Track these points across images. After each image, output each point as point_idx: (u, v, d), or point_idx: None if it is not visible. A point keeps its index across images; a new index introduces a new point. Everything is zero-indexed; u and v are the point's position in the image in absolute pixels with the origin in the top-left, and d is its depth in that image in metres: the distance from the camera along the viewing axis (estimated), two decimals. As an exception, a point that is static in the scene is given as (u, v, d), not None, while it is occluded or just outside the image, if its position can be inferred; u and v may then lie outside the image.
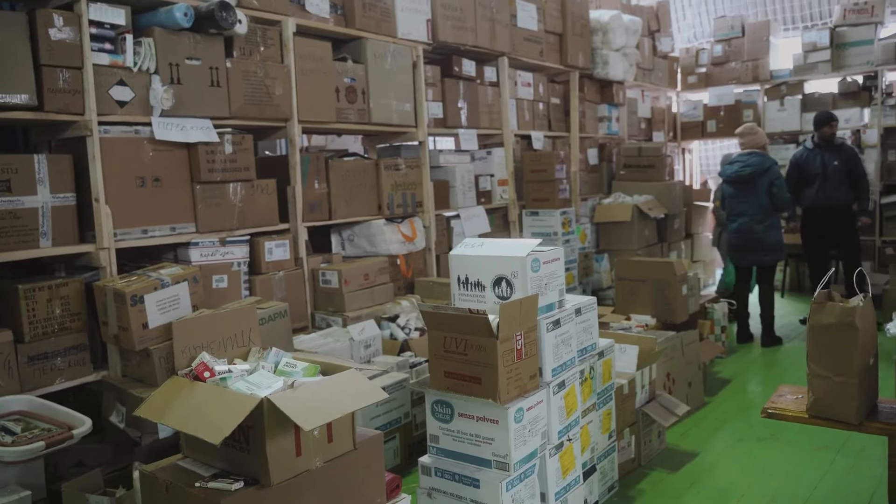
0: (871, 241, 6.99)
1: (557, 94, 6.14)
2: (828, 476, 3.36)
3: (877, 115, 7.06)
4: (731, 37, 7.91)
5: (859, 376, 2.40)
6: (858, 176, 5.93)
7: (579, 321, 2.83)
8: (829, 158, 5.90)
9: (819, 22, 7.98)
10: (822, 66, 7.32)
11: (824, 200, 5.86)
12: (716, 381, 4.82)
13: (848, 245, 5.99)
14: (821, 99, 7.41)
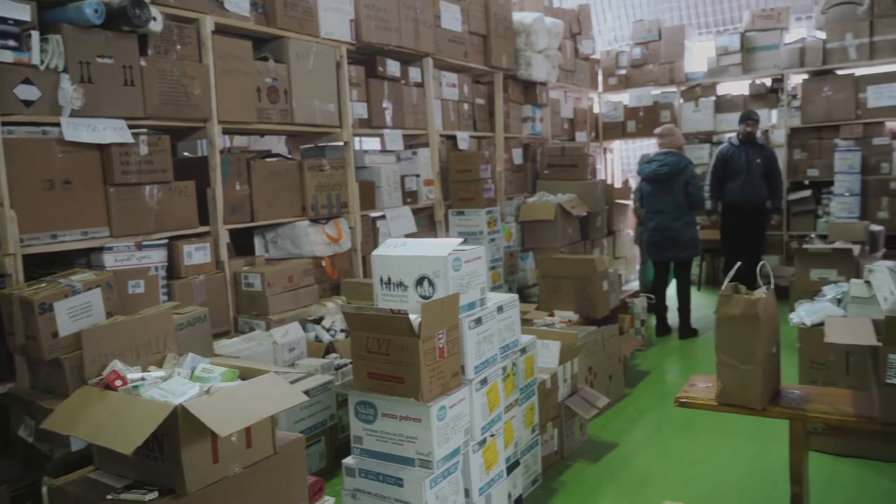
0: (779, 235, 7.37)
1: (482, 94, 6.22)
2: (738, 459, 3.53)
3: (784, 116, 7.44)
4: (648, 40, 8.18)
5: (763, 364, 2.53)
6: (776, 174, 6.25)
7: (501, 318, 2.88)
8: (752, 156, 6.22)
9: (730, 27, 8.34)
10: (734, 69, 7.65)
11: (745, 196, 6.14)
12: (636, 372, 4.98)
13: (755, 240, 6.27)
14: (733, 100, 7.76)
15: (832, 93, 7.09)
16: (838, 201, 6.91)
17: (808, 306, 3.65)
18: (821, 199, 7.30)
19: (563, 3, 8.90)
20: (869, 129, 6.91)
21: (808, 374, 3.55)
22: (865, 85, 6.91)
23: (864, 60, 6.88)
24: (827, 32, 7.09)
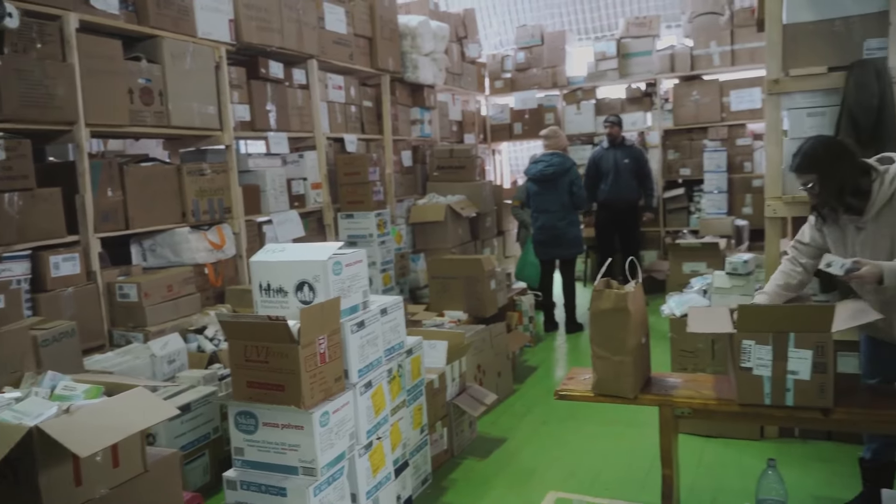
0: (657, 231, 7.79)
1: (370, 97, 6.21)
2: (617, 447, 3.70)
3: (657, 119, 7.86)
4: (532, 45, 8.43)
5: (633, 355, 2.67)
6: (645, 174, 6.56)
7: (385, 321, 2.89)
8: (620, 157, 6.49)
9: (608, 33, 8.73)
10: (611, 73, 8.01)
11: (616, 196, 6.43)
12: (524, 368, 5.12)
13: (629, 237, 6.57)
14: (611, 104, 8.12)
15: (700, 97, 7.55)
16: (708, 198, 7.37)
17: (678, 298, 3.88)
18: (693, 196, 7.76)
19: (449, 6, 9.04)
20: (733, 130, 7.42)
21: (679, 362, 3.77)
22: (729, 89, 7.42)
23: (727, 67, 7.38)
24: (694, 40, 7.55)
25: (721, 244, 5.52)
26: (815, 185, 2.59)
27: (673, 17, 8.35)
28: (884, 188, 2.51)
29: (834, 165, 2.56)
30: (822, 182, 2.57)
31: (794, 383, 2.46)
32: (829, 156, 2.58)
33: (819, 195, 2.61)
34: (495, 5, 9.31)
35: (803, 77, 3.47)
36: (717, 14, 7.43)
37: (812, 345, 2.41)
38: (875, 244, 2.56)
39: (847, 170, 2.55)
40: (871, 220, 2.55)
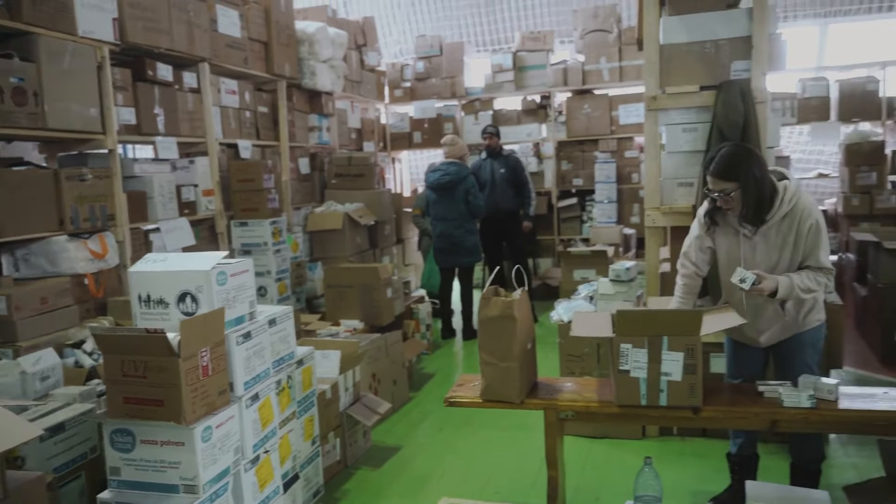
0: (551, 240, 8.03)
1: (265, 102, 6.09)
2: (509, 451, 3.79)
3: (552, 130, 8.12)
4: (431, 55, 8.52)
5: (519, 361, 2.74)
6: (521, 183, 6.62)
7: (274, 331, 2.85)
8: (496, 167, 6.56)
9: (504, 46, 8.94)
10: (508, 85, 8.21)
11: (493, 206, 6.49)
12: (421, 376, 5.16)
13: (514, 246, 6.69)
14: (508, 115, 8.32)
15: (591, 110, 7.87)
16: (599, 208, 7.68)
17: (566, 304, 4.03)
18: (585, 205, 8.06)
19: (349, 14, 9.02)
20: (621, 143, 7.77)
21: (567, 367, 3.91)
22: (617, 104, 7.77)
23: (616, 82, 7.73)
24: (585, 56, 7.86)
25: (609, 252, 5.76)
26: (735, 193, 2.62)
27: (566, 33, 8.66)
28: (783, 206, 2.66)
29: (754, 174, 2.61)
30: (743, 191, 2.61)
31: (667, 384, 2.60)
32: (751, 163, 2.63)
33: (735, 203, 2.64)
34: (395, 15, 9.35)
35: (678, 95, 3.70)
36: (607, 32, 7.77)
37: (683, 348, 2.55)
38: (765, 256, 2.71)
39: (763, 181, 2.63)
40: (764, 232, 2.70)
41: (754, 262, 2.73)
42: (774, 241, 2.70)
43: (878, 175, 6.53)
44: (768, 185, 2.65)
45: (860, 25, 8.28)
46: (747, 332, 2.84)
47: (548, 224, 8.09)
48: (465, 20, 9.16)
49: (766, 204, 2.64)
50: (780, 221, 2.67)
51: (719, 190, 2.65)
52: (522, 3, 8.94)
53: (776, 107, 7.64)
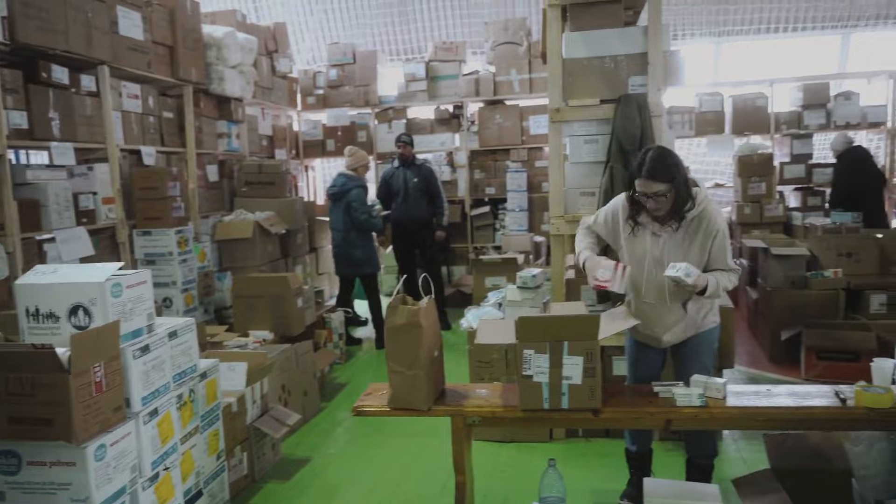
0: (465, 248, 8.13)
1: (171, 108, 5.90)
2: (419, 458, 3.81)
3: (465, 140, 8.23)
4: (344, 62, 8.48)
5: (426, 368, 2.77)
6: (434, 193, 6.67)
7: (175, 344, 2.77)
8: (409, 176, 6.58)
9: (418, 56, 9.01)
10: (421, 94, 8.27)
11: (406, 214, 6.53)
12: (334, 386, 5.11)
13: (426, 255, 6.71)
14: (421, 123, 8.37)
15: (503, 120, 8.02)
16: (511, 216, 7.83)
17: (476, 311, 4.09)
18: (498, 214, 8.20)
19: (260, 19, 8.87)
20: (532, 152, 7.96)
21: (476, 373, 3.97)
22: (528, 115, 7.95)
23: (526, 93, 7.91)
24: (496, 67, 8.01)
25: (520, 259, 5.88)
26: (668, 192, 2.69)
27: (478, 45, 8.81)
28: (697, 206, 2.79)
29: (682, 177, 2.72)
30: (676, 189, 2.70)
31: (568, 388, 2.68)
32: (679, 167, 2.73)
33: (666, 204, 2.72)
34: (307, 21, 9.26)
35: (580, 107, 3.83)
36: (517, 44, 7.95)
37: (583, 352, 2.64)
38: (671, 254, 2.82)
39: (687, 184, 2.75)
40: (671, 231, 2.82)
41: (661, 261, 2.84)
42: (681, 242, 2.82)
43: (767, 185, 6.95)
44: (689, 186, 2.78)
45: (751, 45, 8.81)
46: (652, 334, 2.96)
47: (461, 232, 8.19)
48: (379, 29, 9.18)
49: (685, 204, 2.76)
50: (689, 223, 2.80)
51: (653, 192, 2.71)
52: (435, 14, 9.04)
53: (676, 120, 8.02)
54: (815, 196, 7.48)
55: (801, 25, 8.50)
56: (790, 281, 5.17)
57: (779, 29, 8.53)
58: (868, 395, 2.58)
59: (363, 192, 6.04)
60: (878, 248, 5.24)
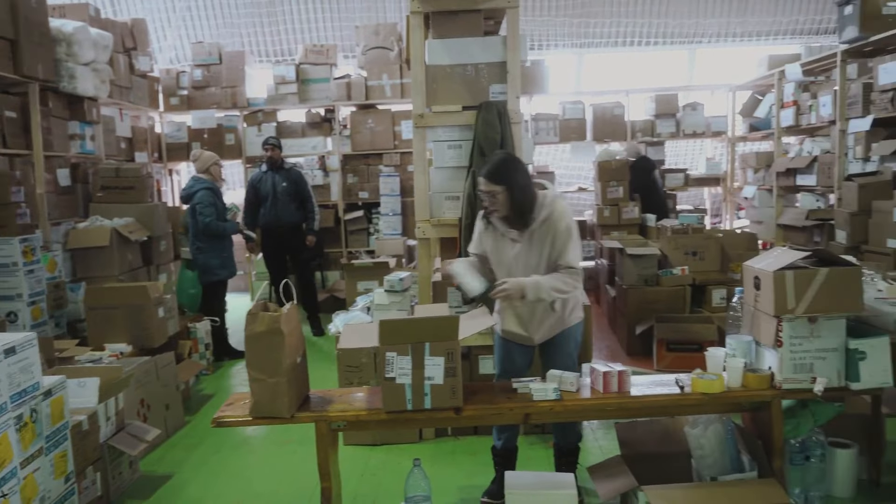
0: (339, 252, 8.07)
1: (14, 106, 5.47)
2: (289, 466, 3.75)
3: (337, 144, 8.18)
4: (209, 63, 8.20)
5: (288, 375, 2.73)
6: (305, 197, 6.55)
7: (13, 361, 2.58)
8: (278, 180, 6.43)
9: (288, 58, 8.86)
10: (291, 97, 8.14)
11: (275, 220, 6.39)
12: (200, 398, 4.93)
13: (298, 260, 6.58)
14: (292, 127, 8.25)
15: (375, 125, 8.05)
16: (385, 220, 7.86)
17: (344, 316, 4.09)
18: (371, 218, 8.21)
19: (117, 14, 8.41)
20: (404, 157, 8.02)
21: (346, 377, 3.95)
22: (400, 119, 8.02)
23: (398, 98, 7.98)
24: (368, 71, 8.03)
25: (391, 263, 5.92)
26: (501, 195, 2.86)
27: (349, 48, 8.79)
28: (544, 209, 2.94)
29: (519, 181, 2.89)
30: (509, 194, 2.87)
31: (430, 388, 2.74)
32: (517, 171, 2.92)
33: (501, 205, 2.88)
34: (169, 18, 8.88)
35: (443, 114, 3.92)
36: (388, 49, 8.01)
37: (444, 352, 2.71)
38: (527, 258, 2.97)
39: (527, 188, 2.91)
40: (528, 236, 2.96)
41: (519, 264, 2.98)
42: (536, 245, 2.97)
43: (624, 189, 7.39)
44: (530, 192, 2.94)
45: (609, 56, 9.34)
46: (525, 333, 3.08)
47: (335, 237, 8.13)
48: (247, 29, 8.95)
49: (528, 209, 2.92)
50: (540, 226, 2.95)
51: (488, 191, 2.89)
52: (305, 16, 8.93)
53: (542, 126, 8.36)
54: (668, 199, 8.03)
55: (653, 40, 9.10)
56: (643, 279, 5.52)
57: (634, 43, 9.10)
58: (702, 382, 2.82)
59: (209, 195, 5.80)
60: (720, 247, 5.71)
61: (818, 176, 6.66)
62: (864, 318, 2.90)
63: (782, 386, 2.77)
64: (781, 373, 2.77)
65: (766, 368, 2.85)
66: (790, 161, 7.20)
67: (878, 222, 5.24)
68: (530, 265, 2.97)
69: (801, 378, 2.77)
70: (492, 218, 3.00)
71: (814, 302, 2.71)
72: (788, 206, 7.44)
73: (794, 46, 8.41)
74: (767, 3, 8.94)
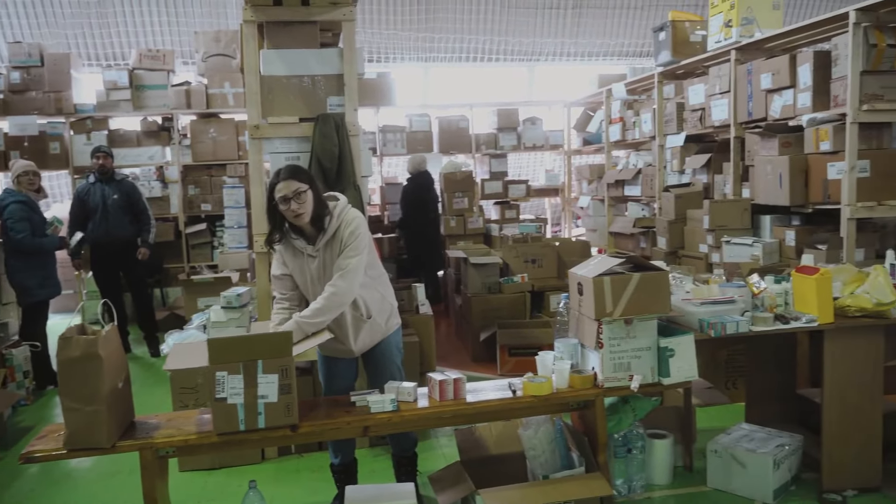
0: (180, 267, 7.68)
1: None
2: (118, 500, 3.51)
3: (176, 154, 7.79)
4: (29, 65, 7.56)
5: (107, 402, 2.56)
6: (139, 210, 6.16)
7: None
8: (109, 192, 5.99)
9: (121, 62, 8.35)
10: (125, 104, 7.67)
11: (106, 235, 5.97)
12: (18, 430, 4.51)
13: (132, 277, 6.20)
14: (126, 135, 7.77)
15: (217, 134, 7.76)
16: (230, 233, 7.56)
17: (178, 335, 3.90)
18: (216, 231, 7.89)
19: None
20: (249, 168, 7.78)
21: (180, 400, 3.76)
22: (243, 129, 7.76)
23: (241, 107, 7.71)
24: (209, 79, 7.73)
25: (234, 278, 5.72)
26: (305, 193, 2.82)
27: (188, 54, 8.43)
28: (333, 221, 2.92)
29: (316, 185, 2.92)
30: (314, 189, 2.87)
31: (264, 406, 2.66)
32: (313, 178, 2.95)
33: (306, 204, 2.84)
34: (-20, 15, 8.10)
35: (280, 125, 3.85)
36: (230, 57, 7.76)
37: (277, 369, 2.65)
38: (326, 271, 2.94)
39: (321, 195, 2.92)
40: (322, 249, 2.94)
41: (320, 279, 2.95)
42: (329, 258, 2.94)
43: (469, 200, 7.61)
44: (322, 198, 2.94)
45: (454, 70, 9.61)
46: (343, 346, 3.06)
47: (177, 251, 7.74)
48: (73, 30, 8.34)
49: (324, 214, 2.91)
50: (332, 237, 2.93)
51: (294, 190, 2.82)
52: (140, 19, 8.47)
53: (390, 138, 8.44)
54: (511, 209, 8.37)
55: (495, 56, 9.48)
56: (487, 287, 5.71)
57: (477, 58, 9.42)
58: (532, 385, 2.95)
59: (21, 208, 5.25)
60: (556, 255, 6.02)
61: (642, 187, 7.21)
62: (672, 318, 3.17)
63: (604, 385, 2.96)
64: (603, 372, 2.96)
65: (590, 369, 3.03)
66: (618, 173, 7.75)
67: (692, 229, 5.76)
68: (328, 278, 2.93)
69: (621, 376, 2.97)
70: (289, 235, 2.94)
71: (629, 305, 2.92)
72: (619, 214, 8.00)
73: (621, 67, 9.08)
74: (598, 25, 9.58)
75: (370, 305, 3.03)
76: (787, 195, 4.86)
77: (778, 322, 3.15)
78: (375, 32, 8.80)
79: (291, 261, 3.02)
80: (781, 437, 3.40)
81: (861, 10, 4.27)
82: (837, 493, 3.22)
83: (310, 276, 2.98)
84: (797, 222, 5.14)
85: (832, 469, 3.24)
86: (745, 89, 5.38)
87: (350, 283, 2.87)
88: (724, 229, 5.28)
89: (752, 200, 5.34)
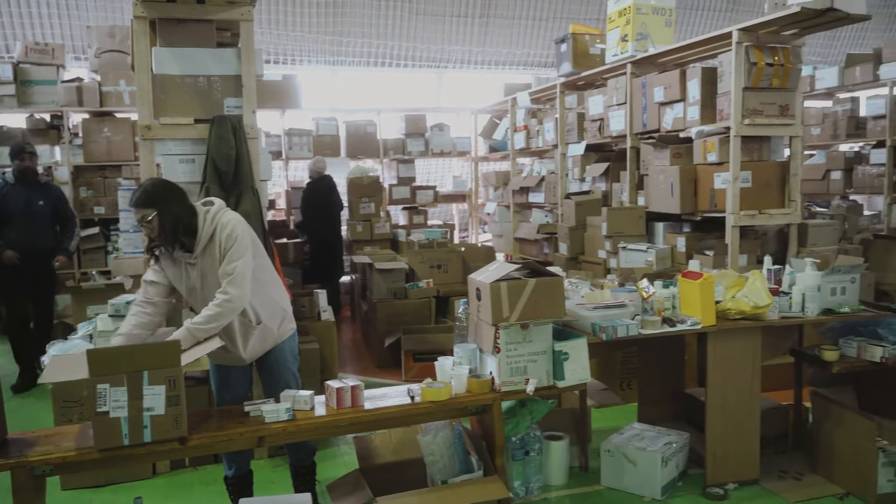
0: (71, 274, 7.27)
1: None
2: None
3: (66, 154, 7.38)
4: None
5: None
6: (67, 217, 5.72)
7: None
8: (33, 198, 5.45)
9: (5, 55, 7.85)
10: (9, 100, 7.20)
11: (29, 244, 5.39)
12: None
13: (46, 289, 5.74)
14: (10, 133, 7.30)
15: (112, 134, 7.40)
16: (125, 237, 7.19)
17: (61, 345, 3.68)
18: (110, 235, 7.53)
19: None
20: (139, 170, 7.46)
21: (63, 414, 3.57)
22: (140, 129, 7.46)
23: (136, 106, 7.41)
24: (102, 76, 7.36)
25: (128, 284, 5.46)
26: (153, 219, 2.74)
27: (80, 49, 8.02)
28: (206, 227, 2.82)
29: (170, 203, 2.77)
30: (160, 217, 2.75)
31: (150, 419, 2.55)
32: (166, 194, 2.80)
33: (156, 229, 2.76)
34: None
35: (173, 126, 3.72)
36: (125, 53, 7.41)
37: (164, 380, 2.54)
38: (206, 278, 2.85)
39: (181, 208, 2.79)
40: (200, 256, 2.84)
41: (202, 288, 2.86)
42: (210, 263, 2.86)
43: (375, 205, 7.58)
44: (186, 209, 2.83)
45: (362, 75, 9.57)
46: (231, 353, 2.97)
47: (66, 256, 7.31)
48: (-50, 19, 7.78)
49: (187, 230, 2.81)
50: (209, 242, 2.84)
51: (139, 218, 2.78)
52: (26, 10, 7.99)
53: (296, 142, 8.30)
54: (419, 214, 8.39)
55: (403, 62, 9.50)
56: (392, 292, 5.70)
57: (385, 63, 9.41)
58: (431, 391, 2.96)
59: None
60: (462, 260, 6.08)
61: (546, 194, 7.39)
62: (567, 323, 3.26)
63: (501, 389, 3.00)
64: (500, 377, 3.00)
65: (488, 373, 3.07)
66: (523, 180, 7.92)
67: (591, 235, 5.95)
68: (214, 284, 2.85)
69: (517, 380, 3.02)
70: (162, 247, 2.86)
71: (525, 310, 2.98)
72: (524, 220, 8.16)
73: (527, 76, 9.29)
74: (504, 35, 9.77)
75: (259, 311, 2.94)
76: (678, 203, 5.09)
77: (665, 325, 3.29)
78: (282, 34, 8.64)
79: (171, 269, 2.91)
80: (670, 435, 3.55)
81: (743, 30, 4.53)
82: (720, 487, 3.39)
83: (191, 284, 2.89)
84: (688, 229, 5.40)
85: (715, 464, 3.42)
86: (640, 101, 5.61)
87: (240, 287, 2.79)
88: (620, 235, 5.48)
89: (646, 208, 5.56)
